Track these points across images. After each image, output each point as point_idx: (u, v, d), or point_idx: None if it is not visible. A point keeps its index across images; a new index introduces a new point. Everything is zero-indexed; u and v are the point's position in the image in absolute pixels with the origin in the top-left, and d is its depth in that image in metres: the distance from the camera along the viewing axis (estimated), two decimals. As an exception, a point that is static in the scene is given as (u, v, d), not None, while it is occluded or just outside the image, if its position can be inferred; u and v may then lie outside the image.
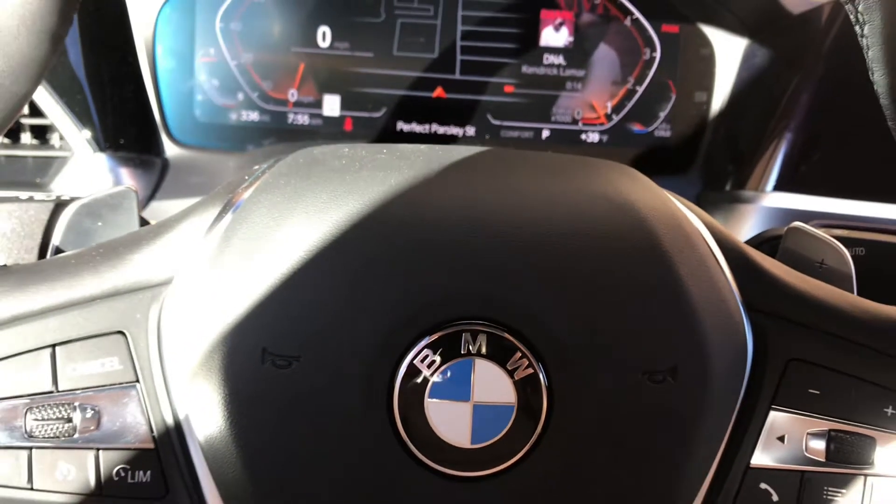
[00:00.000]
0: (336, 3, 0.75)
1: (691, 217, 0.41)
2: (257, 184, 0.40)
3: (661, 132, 0.78)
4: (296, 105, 0.77)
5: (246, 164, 0.74)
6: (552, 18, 0.76)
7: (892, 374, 0.39)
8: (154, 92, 0.75)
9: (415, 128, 0.77)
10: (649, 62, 0.77)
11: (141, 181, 0.71)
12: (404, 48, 0.76)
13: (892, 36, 0.36)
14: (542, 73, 0.77)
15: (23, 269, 0.38)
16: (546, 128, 0.78)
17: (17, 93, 0.35)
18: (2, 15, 0.33)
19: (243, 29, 0.75)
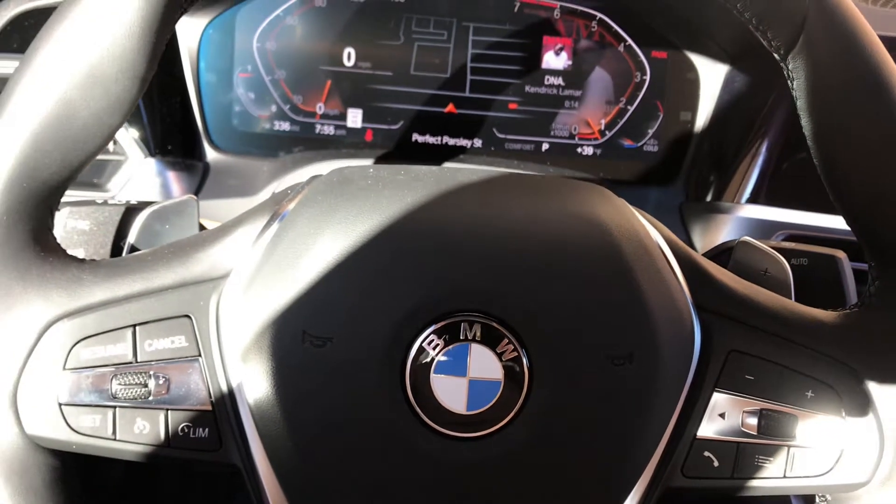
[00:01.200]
0: (360, 26, 0.82)
1: (651, 231, 0.49)
2: (299, 198, 0.48)
3: (650, 147, 0.85)
4: (322, 117, 0.84)
5: (277, 168, 0.82)
6: (553, 44, 0.83)
7: (811, 364, 0.45)
8: (197, 103, 0.82)
9: (428, 139, 0.85)
10: (640, 84, 0.84)
11: (185, 183, 0.79)
12: (420, 68, 0.83)
13: (813, 91, 0.44)
14: (543, 92, 0.84)
15: (110, 263, 0.46)
16: (546, 141, 0.85)
17: (113, 125, 0.43)
18: (104, 63, 0.41)
19: (277, 48, 0.82)
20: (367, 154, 0.83)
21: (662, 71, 0.84)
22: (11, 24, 0.75)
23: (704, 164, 0.84)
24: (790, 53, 0.43)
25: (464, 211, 0.46)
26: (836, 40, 0.42)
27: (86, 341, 0.43)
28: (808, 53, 0.43)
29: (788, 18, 0.42)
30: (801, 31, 0.42)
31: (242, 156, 0.84)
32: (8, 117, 0.41)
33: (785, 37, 0.43)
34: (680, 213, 0.82)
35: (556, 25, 0.82)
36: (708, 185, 0.84)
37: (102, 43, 0.40)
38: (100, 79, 0.41)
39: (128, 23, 0.40)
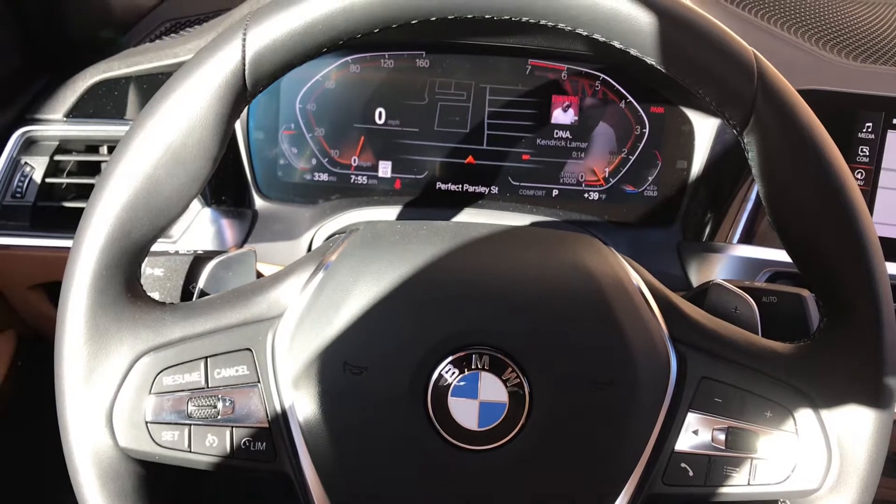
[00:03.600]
0: (390, 89, 0.91)
1: (632, 275, 0.58)
2: (339, 250, 0.58)
3: (649, 192, 0.94)
4: (357, 168, 0.94)
5: (317, 214, 0.91)
6: (561, 101, 0.92)
7: (770, 389, 0.54)
8: (247, 158, 0.92)
9: (450, 187, 0.94)
10: (640, 136, 0.92)
11: (237, 229, 0.89)
12: (443, 125, 0.92)
13: (764, 162, 0.53)
14: (553, 144, 0.93)
15: (186, 306, 0.56)
16: (555, 188, 0.94)
17: (191, 195, 0.53)
18: (184, 148, 0.51)
19: (317, 108, 0.92)
20: (396, 201, 0.93)
21: (660, 124, 0.92)
22: (88, 93, 0.86)
23: (699, 208, 0.92)
24: (744, 130, 0.52)
25: (474, 263, 0.56)
26: (780, 119, 0.51)
27: (167, 371, 0.53)
28: (758, 131, 0.52)
29: (740, 103, 0.51)
30: (751, 113, 0.51)
31: (287, 203, 0.94)
32: (108, 192, 0.51)
33: (739, 117, 0.52)
34: (678, 252, 0.91)
35: (563, 85, 0.92)
36: (703, 226, 0.92)
37: (182, 132, 0.50)
38: (180, 160, 0.51)
39: (203, 115, 0.50)
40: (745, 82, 0.51)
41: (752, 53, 0.52)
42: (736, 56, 0.51)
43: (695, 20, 0.51)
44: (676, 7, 0.51)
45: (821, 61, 0.94)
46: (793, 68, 0.90)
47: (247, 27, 0.51)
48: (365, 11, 0.51)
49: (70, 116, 0.86)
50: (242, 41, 0.50)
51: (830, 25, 1.02)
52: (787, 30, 1.00)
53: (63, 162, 0.87)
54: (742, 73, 0.51)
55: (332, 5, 0.50)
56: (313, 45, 0.51)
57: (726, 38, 0.51)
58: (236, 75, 0.50)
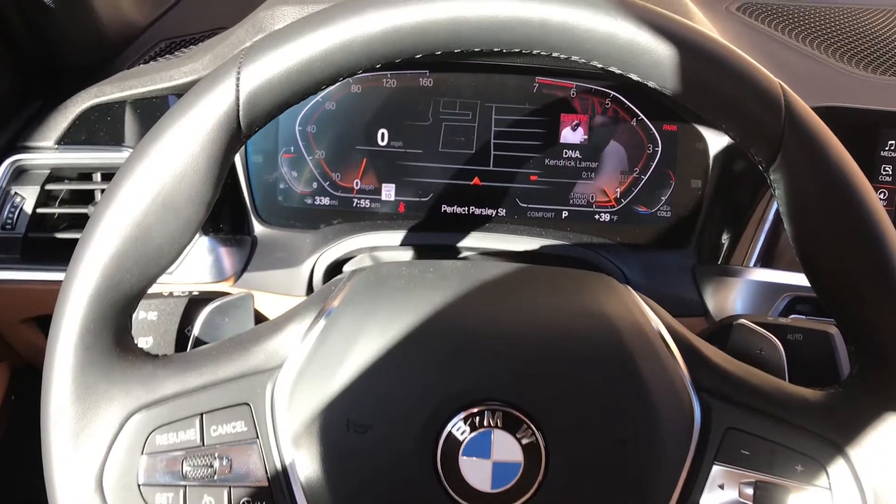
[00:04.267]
0: (392, 109, 0.89)
1: (652, 318, 0.55)
2: (341, 295, 0.55)
3: (663, 213, 0.91)
4: (359, 192, 0.91)
5: (319, 240, 0.88)
6: (570, 120, 0.89)
7: (800, 441, 0.50)
8: (246, 183, 0.89)
9: (456, 210, 0.91)
10: (652, 155, 0.90)
11: (235, 257, 0.87)
12: (448, 146, 0.90)
13: (791, 201, 0.50)
14: (562, 164, 0.90)
15: (179, 358, 0.53)
16: (565, 210, 0.91)
17: (184, 243, 0.50)
18: (175, 194, 0.48)
19: (317, 130, 0.90)
20: (400, 225, 0.90)
21: (673, 142, 0.89)
22: (80, 118, 0.83)
23: (715, 229, 0.90)
24: (771, 167, 0.49)
25: (484, 311, 0.53)
26: (809, 157, 0.48)
27: (160, 429, 0.50)
28: (785, 168, 0.49)
29: (767, 139, 0.48)
30: (779, 150, 0.48)
31: (287, 229, 0.91)
32: (95, 243, 0.48)
33: (765, 154, 0.49)
34: (693, 275, 0.88)
35: (572, 103, 0.89)
36: (719, 248, 0.89)
37: (174, 177, 0.47)
38: (171, 206, 0.48)
39: (195, 159, 0.48)
40: (772, 117, 0.48)
41: (778, 86, 0.49)
42: (762, 89, 0.48)
43: (716, 51, 0.48)
44: (697, 37, 0.48)
45: (840, 74, 0.91)
46: (811, 83, 0.87)
47: (240, 65, 0.48)
48: (366, 47, 0.48)
49: (62, 143, 0.84)
50: (236, 80, 0.47)
51: (848, 36, 0.99)
52: (803, 41, 0.97)
53: (55, 191, 0.84)
54: (768, 107, 0.48)
55: (331, 41, 0.47)
56: (311, 83, 0.49)
57: (751, 69, 0.48)
58: (230, 116, 0.48)
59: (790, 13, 1.03)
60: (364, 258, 0.90)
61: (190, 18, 0.99)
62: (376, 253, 0.90)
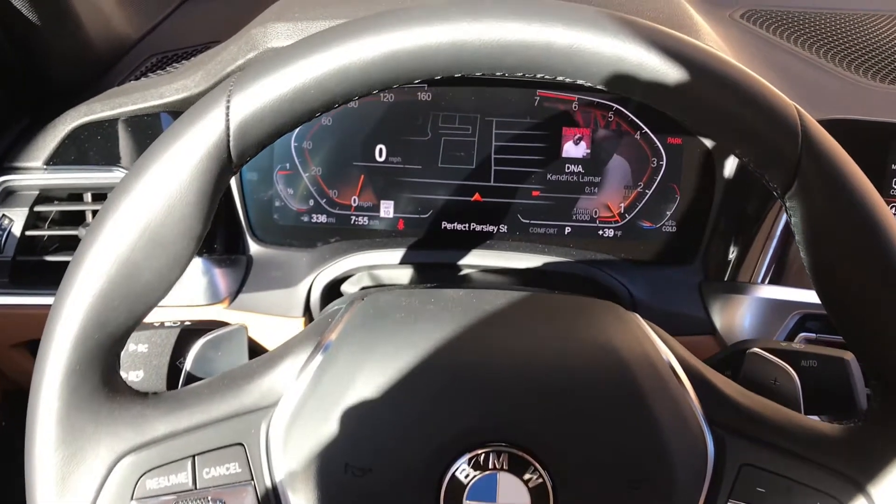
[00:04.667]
0: (390, 124, 0.87)
1: (662, 349, 0.52)
2: (339, 328, 0.53)
3: (668, 228, 0.89)
4: (357, 209, 0.89)
5: (316, 259, 0.86)
6: (572, 134, 0.87)
7: (818, 478, 0.48)
8: (241, 201, 0.87)
9: (457, 226, 0.89)
10: (657, 169, 0.88)
11: (230, 278, 0.84)
12: (447, 161, 0.87)
13: (809, 229, 0.48)
14: (564, 179, 0.88)
15: (170, 397, 0.51)
16: (568, 225, 0.89)
17: (173, 279, 0.48)
18: (163, 228, 0.46)
19: (313, 147, 0.87)
20: (399, 243, 0.87)
21: (678, 156, 0.87)
22: (69, 138, 0.81)
23: (722, 244, 0.87)
24: (787, 194, 0.47)
25: (488, 346, 0.51)
26: (827, 184, 0.46)
27: (151, 472, 0.48)
28: (802, 196, 0.46)
29: (782, 165, 0.46)
30: (795, 176, 0.46)
31: (283, 248, 0.89)
32: (79, 281, 0.46)
33: (781, 180, 0.47)
34: (699, 292, 0.86)
35: (574, 116, 0.87)
36: (726, 263, 0.87)
37: (161, 211, 0.45)
38: (160, 242, 0.46)
39: (183, 192, 0.45)
40: (789, 143, 0.46)
41: (794, 110, 0.46)
42: (777, 114, 0.46)
43: (729, 74, 0.46)
44: (708, 60, 0.46)
45: (847, 84, 0.89)
46: (819, 95, 0.85)
47: (230, 93, 0.46)
48: (362, 73, 0.46)
49: (51, 164, 0.81)
50: (225, 109, 0.45)
51: (854, 43, 0.97)
52: (809, 49, 0.95)
53: (44, 212, 0.82)
54: (785, 132, 0.46)
55: (325, 67, 0.45)
56: (305, 111, 0.46)
57: (766, 93, 0.46)
58: (219, 147, 0.45)
59: (794, 20, 1.01)
60: (362, 277, 0.88)
61: (182, 32, 0.97)
62: (375, 271, 0.88)
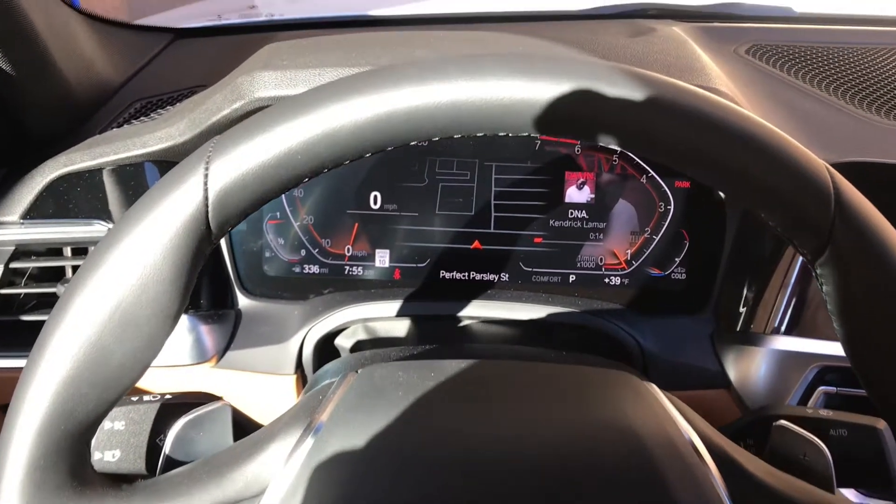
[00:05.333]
0: (385, 170, 0.83)
1: (682, 425, 0.48)
2: (331, 407, 0.49)
3: (677, 275, 0.85)
4: (351, 258, 0.85)
5: (308, 312, 0.82)
6: (575, 178, 0.83)
7: None
8: (229, 253, 0.83)
9: (456, 276, 0.85)
10: (664, 214, 0.84)
11: (217, 335, 0.80)
12: (445, 207, 0.84)
13: (842, 298, 0.44)
14: (568, 225, 0.84)
15: (146, 487, 0.46)
16: (572, 273, 0.85)
17: (147, 361, 0.44)
18: (136, 307, 0.42)
19: (305, 195, 0.84)
20: (395, 294, 0.83)
21: (686, 200, 0.83)
22: (47, 190, 0.77)
23: (734, 292, 0.83)
24: (818, 260, 0.43)
25: (496, 429, 0.46)
26: (863, 251, 0.42)
27: None
28: (835, 263, 0.43)
29: (813, 230, 0.42)
30: (828, 242, 0.42)
31: (274, 301, 0.85)
32: (45, 365, 0.41)
33: (811, 246, 0.43)
34: (712, 343, 0.82)
35: (577, 160, 0.83)
36: (738, 312, 0.83)
37: (134, 289, 0.41)
38: (132, 322, 0.42)
39: (158, 267, 0.41)
40: (821, 208, 0.42)
41: (826, 172, 0.43)
42: (808, 176, 0.42)
43: (754, 133, 0.42)
44: (732, 118, 0.42)
45: (859, 123, 0.85)
46: (831, 135, 0.82)
47: (209, 159, 0.42)
48: (354, 137, 0.42)
49: (28, 217, 0.77)
50: (204, 177, 0.41)
51: (864, 80, 0.94)
52: (818, 86, 0.91)
53: (21, 268, 0.78)
54: (816, 196, 0.42)
55: (312, 131, 0.41)
56: (290, 178, 0.43)
57: (796, 153, 0.42)
58: (197, 219, 0.41)
59: (801, 55, 0.98)
60: (357, 330, 0.84)
61: (167, 75, 0.93)
62: (371, 324, 0.84)
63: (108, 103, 0.87)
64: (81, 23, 0.84)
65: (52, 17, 0.78)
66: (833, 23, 1.12)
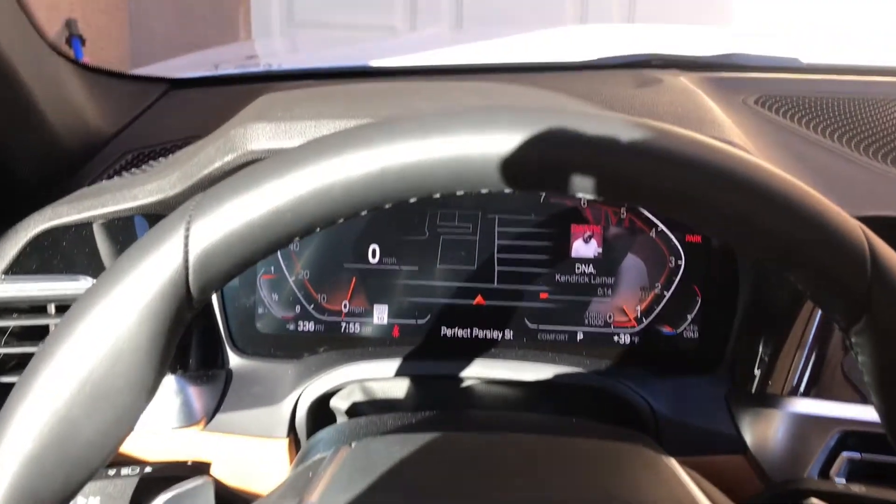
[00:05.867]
0: (384, 223, 0.80)
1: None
2: (322, 486, 0.45)
3: (689, 333, 0.81)
4: (348, 315, 0.82)
5: (302, 372, 0.78)
6: (582, 232, 0.80)
7: None
8: (220, 309, 0.79)
9: (457, 332, 0.81)
10: (675, 269, 0.80)
11: (206, 397, 0.76)
12: (446, 261, 0.80)
13: (880, 370, 0.40)
14: (575, 280, 0.80)
15: None
16: (580, 330, 0.81)
17: (120, 436, 0.40)
18: (108, 379, 0.39)
19: (300, 249, 0.80)
20: (394, 352, 0.80)
21: (698, 255, 0.80)
22: (30, 245, 0.74)
23: (749, 350, 0.79)
24: (853, 328, 0.40)
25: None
26: None
27: None
28: (873, 332, 0.39)
29: (848, 296, 0.39)
30: (865, 309, 0.39)
31: (266, 359, 0.81)
32: (5, 441, 0.38)
33: (845, 313, 0.40)
34: (727, 405, 0.77)
35: (583, 213, 0.80)
36: (755, 372, 0.79)
37: (106, 360, 0.38)
38: (103, 396, 0.38)
39: (133, 336, 0.38)
40: (856, 271, 0.39)
41: (860, 231, 0.39)
42: (841, 238, 0.39)
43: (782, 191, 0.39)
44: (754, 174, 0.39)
45: (874, 175, 0.83)
46: (847, 187, 0.79)
47: (190, 218, 0.38)
48: (349, 194, 0.39)
49: (10, 273, 0.74)
50: (185, 238, 0.38)
51: (876, 131, 0.91)
52: (830, 137, 0.89)
53: (2, 327, 0.74)
54: (851, 259, 0.39)
55: (302, 188, 0.38)
56: (279, 237, 0.39)
57: (826, 212, 0.39)
58: (176, 284, 0.38)
59: (810, 106, 0.96)
60: (353, 391, 0.80)
61: (161, 126, 0.91)
62: (367, 384, 0.80)
63: (100, 154, 0.84)
64: (72, 72, 0.82)
65: (42, 66, 0.76)
66: (841, 73, 1.10)
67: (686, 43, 1.36)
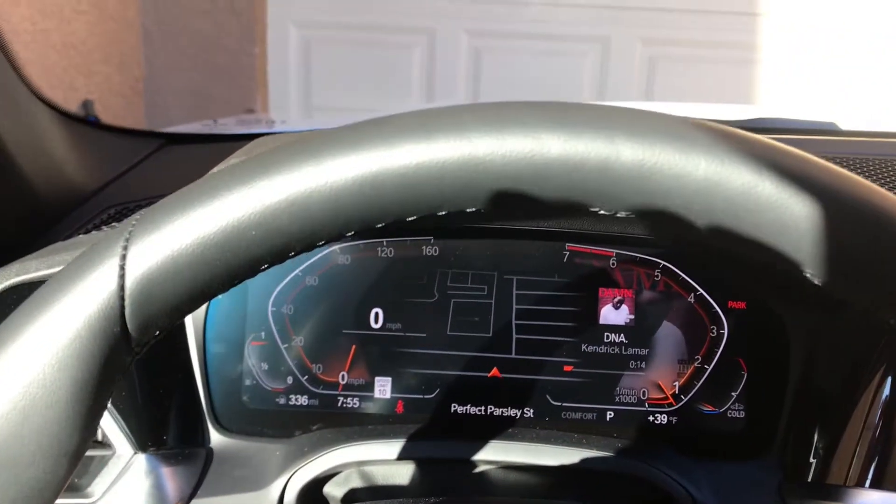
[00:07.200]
0: (389, 284, 0.72)
1: None
2: None
3: (734, 413, 0.71)
4: (346, 388, 0.72)
5: (292, 452, 0.68)
6: (611, 296, 0.72)
7: None
8: (202, 379, 0.70)
9: (470, 410, 0.72)
10: (716, 339, 0.71)
11: (181, 479, 0.66)
12: (458, 328, 0.72)
13: None
14: (603, 351, 0.71)
15: None
16: (610, 409, 0.71)
17: None
18: (16, 443, 0.30)
19: (295, 312, 0.72)
20: (397, 431, 0.70)
21: (742, 323, 0.71)
22: (-5, 302, 0.66)
23: (803, 433, 0.70)
24: None
25: None
26: None
27: None
28: None
29: None
30: None
31: (253, 438, 0.72)
32: None
33: None
34: (780, 497, 0.67)
35: (612, 275, 0.72)
36: (810, 459, 0.69)
37: (12, 418, 0.29)
38: (10, 462, 0.30)
39: (48, 388, 0.30)
40: None
41: None
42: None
43: None
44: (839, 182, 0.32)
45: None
46: None
47: (130, 236, 0.31)
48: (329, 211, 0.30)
49: (-33, 333, 0.65)
50: (121, 259, 0.30)
51: None
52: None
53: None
54: None
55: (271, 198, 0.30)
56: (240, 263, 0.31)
57: None
58: (108, 318, 0.30)
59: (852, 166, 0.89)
60: (350, 476, 0.70)
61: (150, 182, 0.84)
62: (367, 468, 0.70)
63: (81, 208, 0.77)
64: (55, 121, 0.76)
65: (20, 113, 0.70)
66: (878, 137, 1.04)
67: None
